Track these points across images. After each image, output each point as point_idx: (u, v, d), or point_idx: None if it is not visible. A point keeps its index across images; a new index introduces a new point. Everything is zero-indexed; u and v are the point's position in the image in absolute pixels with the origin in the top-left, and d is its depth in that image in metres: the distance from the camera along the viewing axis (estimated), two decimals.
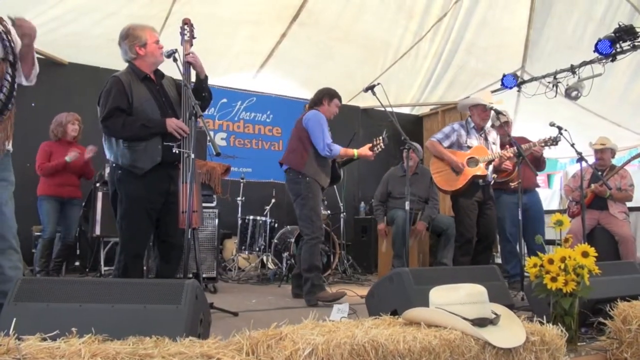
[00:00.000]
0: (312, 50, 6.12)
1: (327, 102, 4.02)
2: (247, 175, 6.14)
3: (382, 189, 5.45)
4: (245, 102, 6.80)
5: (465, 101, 4.44)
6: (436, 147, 4.34)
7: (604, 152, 5.08)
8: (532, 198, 4.73)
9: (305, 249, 3.81)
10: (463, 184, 4.15)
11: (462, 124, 4.39)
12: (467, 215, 4.20)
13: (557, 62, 5.91)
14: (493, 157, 4.19)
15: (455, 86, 6.99)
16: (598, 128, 6.89)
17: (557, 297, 2.17)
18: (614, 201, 4.93)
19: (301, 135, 3.92)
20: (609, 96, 6.41)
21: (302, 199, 3.84)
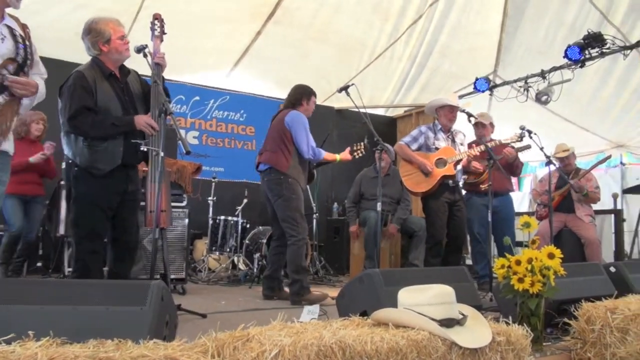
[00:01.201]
0: (287, 49, 6.10)
1: (306, 102, 4.01)
2: (219, 174, 6.08)
3: (354, 190, 5.48)
4: (218, 101, 6.74)
5: (432, 103, 4.51)
6: (404, 150, 4.39)
7: (570, 157, 5.24)
8: (504, 201, 4.82)
9: (291, 250, 3.78)
10: (432, 185, 4.21)
11: (429, 127, 4.46)
12: (437, 216, 4.27)
13: (528, 66, 6.06)
14: (460, 156, 4.27)
15: (429, 89, 7.08)
16: (567, 132, 7.09)
17: (524, 297, 2.22)
18: (582, 204, 5.07)
19: (283, 136, 3.86)
20: (577, 102, 6.60)
21: (284, 200, 3.81)
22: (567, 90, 5.74)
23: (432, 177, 4.23)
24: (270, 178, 3.88)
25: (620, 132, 7.16)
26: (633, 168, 8.41)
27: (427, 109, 4.58)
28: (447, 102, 4.36)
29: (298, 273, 3.76)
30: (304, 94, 4.02)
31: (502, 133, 6.08)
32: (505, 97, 6.12)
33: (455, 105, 4.38)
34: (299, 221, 3.80)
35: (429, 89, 7.08)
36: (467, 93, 6.68)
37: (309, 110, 4.03)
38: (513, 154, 4.61)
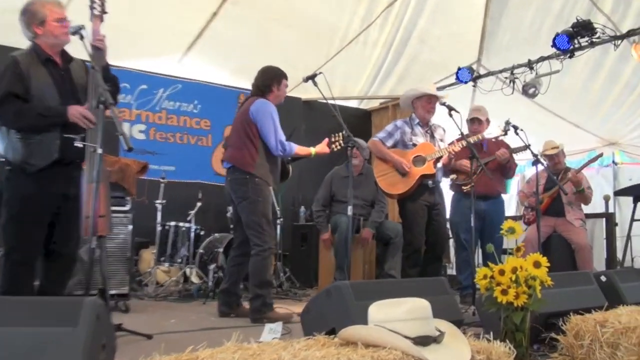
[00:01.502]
0: (248, 32, 6.06)
1: (276, 87, 3.93)
2: (168, 174, 5.98)
3: (324, 192, 5.48)
4: (168, 90, 6.65)
5: (407, 94, 4.56)
6: (378, 148, 4.41)
7: (559, 155, 5.38)
8: (494, 205, 4.89)
9: (255, 261, 3.73)
10: (410, 185, 4.25)
11: (405, 121, 4.51)
12: (415, 221, 4.31)
13: (515, 56, 6.19)
14: (441, 153, 4.32)
15: (407, 78, 7.15)
16: (556, 128, 7.28)
17: (508, 311, 2.26)
18: (572, 206, 5.22)
19: (248, 130, 3.80)
20: (567, 95, 6.79)
21: (249, 202, 3.76)
22: (555, 82, 5.89)
23: (409, 177, 4.27)
24: (234, 178, 3.83)
25: (612, 129, 7.40)
26: (626, 168, 8.71)
27: (402, 101, 4.63)
28: (424, 91, 4.42)
29: (261, 287, 3.73)
30: (273, 77, 3.94)
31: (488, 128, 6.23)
32: (490, 89, 6.23)
33: (433, 94, 4.44)
34: (265, 228, 3.75)
35: (407, 78, 7.15)
36: (449, 84, 6.78)
37: (280, 96, 3.97)
38: (506, 155, 4.69)
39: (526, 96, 6.03)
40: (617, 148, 7.89)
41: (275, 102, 3.93)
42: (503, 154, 4.67)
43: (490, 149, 4.88)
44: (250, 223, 3.78)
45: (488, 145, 4.94)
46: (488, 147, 4.92)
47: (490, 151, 4.85)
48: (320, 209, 5.47)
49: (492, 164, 4.74)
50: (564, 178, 5.23)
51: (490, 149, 4.88)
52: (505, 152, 4.69)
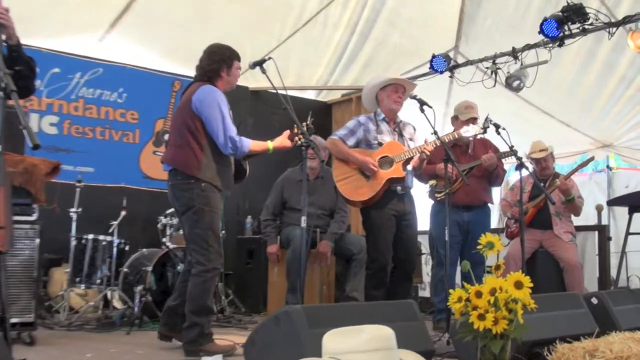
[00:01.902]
0: (183, 7, 6.01)
1: (226, 70, 3.87)
2: (86, 176, 5.84)
3: (275, 199, 5.47)
4: (87, 75, 6.52)
5: (369, 84, 4.60)
6: (339, 147, 4.44)
7: (547, 159, 5.54)
8: (478, 216, 4.97)
9: (195, 283, 3.68)
10: (376, 191, 4.29)
11: (369, 117, 4.56)
12: (381, 234, 4.35)
13: (497, 43, 6.35)
14: (411, 154, 4.38)
15: (373, 66, 7.23)
16: (543, 127, 7.49)
17: (486, 339, 2.30)
18: (560, 218, 5.37)
19: (191, 124, 3.73)
20: (555, 89, 6.99)
21: (194, 212, 3.71)
22: (543, 74, 6.06)
23: (375, 180, 4.31)
24: (175, 183, 3.79)
25: (606, 129, 7.66)
26: (621, 173, 9.06)
27: (365, 94, 4.66)
28: (389, 80, 4.47)
29: (199, 314, 3.69)
30: (222, 58, 3.87)
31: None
32: (469, 80, 6.36)
33: (400, 83, 4.50)
34: (212, 243, 3.71)
35: (373, 66, 7.23)
36: (422, 74, 6.88)
37: (230, 82, 3.92)
38: (492, 160, 4.78)
39: (510, 89, 6.19)
40: (612, 151, 8.17)
41: (224, 89, 3.87)
42: (489, 159, 4.75)
43: (477, 152, 4.96)
44: (193, 237, 3.73)
45: (474, 147, 5.02)
46: (474, 150, 5.00)
47: (476, 155, 4.93)
48: (270, 218, 5.46)
49: (478, 169, 4.82)
50: (551, 185, 5.38)
51: (476, 152, 4.96)
52: (492, 156, 4.77)
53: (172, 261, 5.35)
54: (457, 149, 4.93)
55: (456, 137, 4.53)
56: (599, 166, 9.33)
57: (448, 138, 4.44)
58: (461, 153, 4.96)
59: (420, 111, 4.12)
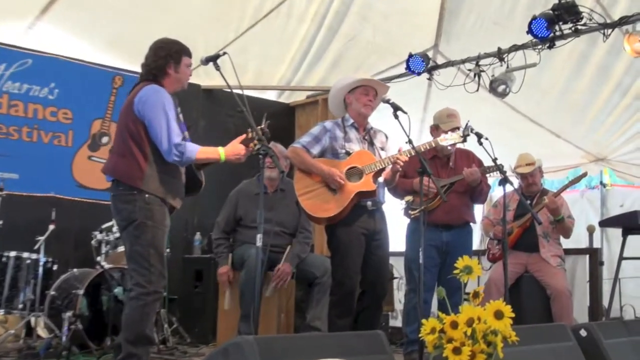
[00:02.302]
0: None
1: (174, 67, 3.88)
2: (9, 184, 5.74)
3: (228, 214, 5.45)
4: (12, 67, 6.43)
5: (336, 86, 4.62)
6: (301, 157, 4.43)
7: (534, 174, 5.63)
8: (459, 236, 4.98)
9: (132, 307, 3.66)
10: (344, 205, 4.29)
11: (336, 123, 4.58)
12: (348, 255, 4.35)
13: (481, 43, 6.45)
14: (383, 164, 4.41)
15: (342, 65, 7.28)
16: (531, 138, 7.62)
17: None
18: (548, 239, 5.46)
19: (133, 129, 3.74)
20: (545, 96, 7.14)
21: (135, 227, 3.71)
22: (531, 78, 6.17)
23: (342, 194, 4.31)
24: (117, 194, 3.81)
25: (600, 141, 7.83)
26: (616, 191, 9.25)
27: (331, 96, 4.67)
28: (358, 81, 4.51)
29: (136, 344, 3.65)
30: (169, 54, 3.87)
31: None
32: (450, 83, 6.45)
33: (370, 85, 4.53)
34: (154, 263, 3.70)
35: (343, 64, 7.28)
36: (396, 75, 6.95)
37: (180, 80, 3.93)
38: (475, 175, 4.81)
39: (494, 95, 6.28)
40: (606, 165, 8.34)
41: (173, 89, 3.89)
42: (472, 174, 4.78)
43: (458, 165, 4.98)
44: (133, 255, 3.73)
45: (456, 159, 5.05)
46: (456, 163, 5.03)
47: (457, 168, 4.95)
48: (222, 236, 5.44)
49: (460, 184, 4.86)
50: (539, 203, 5.47)
51: (458, 166, 4.98)
52: (475, 171, 4.80)
53: (107, 283, 5.27)
54: (436, 162, 4.98)
55: (433, 145, 4.56)
56: (592, 182, 9.50)
57: (424, 147, 4.47)
58: (441, 166, 5.00)
59: (394, 117, 4.15)
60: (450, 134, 4.53)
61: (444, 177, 4.89)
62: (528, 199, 5.51)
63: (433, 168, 4.74)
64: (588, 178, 8.19)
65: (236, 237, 5.44)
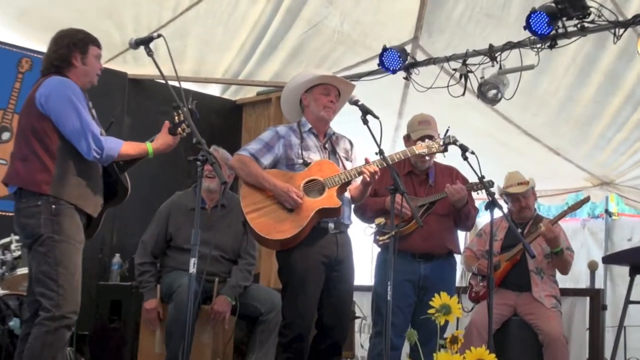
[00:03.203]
0: None
1: (79, 58, 3.93)
2: None
3: (156, 232, 5.40)
4: None
5: (292, 84, 4.61)
6: (249, 168, 4.37)
7: (528, 196, 5.67)
8: (439, 270, 4.96)
9: (35, 335, 3.66)
10: (302, 226, 4.26)
11: (291, 128, 4.56)
12: (303, 287, 4.32)
13: (470, 38, 6.52)
14: (348, 177, 4.39)
15: (303, 57, 7.29)
16: (525, 154, 7.71)
17: None
18: (542, 276, 5.51)
19: (37, 127, 3.77)
20: (543, 105, 7.21)
21: (41, 243, 3.72)
22: (528, 83, 6.25)
23: (300, 212, 4.27)
24: (20, 208, 3.82)
25: (606, 161, 7.93)
26: (623, 221, 9.35)
27: (285, 97, 4.65)
28: (317, 78, 4.50)
29: None
30: (73, 42, 3.93)
31: None
32: (431, 85, 6.47)
33: (331, 82, 4.51)
34: (63, 283, 3.71)
35: (302, 57, 7.29)
36: (367, 72, 6.97)
37: (88, 73, 3.98)
38: (460, 194, 4.80)
39: (483, 101, 6.32)
40: (613, 191, 8.45)
41: (81, 85, 3.94)
42: (457, 192, 4.78)
43: (439, 182, 4.99)
44: (40, 276, 3.74)
45: (436, 176, 5.06)
46: (436, 180, 5.04)
47: (438, 186, 4.96)
48: (148, 260, 5.37)
49: (442, 205, 4.87)
50: (531, 232, 5.51)
51: (438, 183, 4.99)
52: (461, 188, 4.81)
53: (1, 314, 5.19)
54: (412, 178, 4.99)
55: (409, 155, 4.57)
56: (595, 210, 9.63)
57: (397, 157, 4.49)
58: (418, 183, 5.01)
59: (363, 122, 4.14)
60: (429, 142, 4.55)
61: (421, 195, 4.91)
62: (519, 226, 5.55)
63: (409, 186, 4.75)
64: (591, 205, 8.31)
65: (165, 262, 5.38)
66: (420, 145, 4.53)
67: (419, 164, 4.96)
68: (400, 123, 7.82)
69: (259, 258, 5.55)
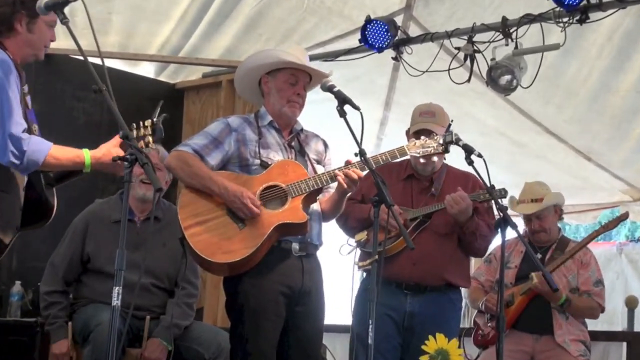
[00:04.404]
0: None
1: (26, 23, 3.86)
2: None
3: (70, 251, 5.39)
4: None
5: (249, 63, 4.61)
6: (191, 166, 4.35)
7: (543, 216, 5.71)
8: (433, 306, 4.99)
9: None
10: (256, 246, 4.23)
11: (247, 119, 4.55)
12: (258, 326, 4.32)
13: (477, 8, 6.58)
14: (318, 183, 4.35)
15: (262, 29, 7.31)
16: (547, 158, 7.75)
17: None
18: (565, 317, 5.55)
19: None
20: (570, 95, 7.26)
21: None
22: (551, 68, 6.31)
23: (254, 228, 4.23)
24: None
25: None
26: None
27: (240, 77, 4.65)
28: (281, 59, 4.48)
29: None
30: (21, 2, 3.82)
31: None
32: (427, 67, 6.52)
33: (302, 66, 4.48)
34: None
35: (261, 29, 7.29)
36: (346, 50, 6.99)
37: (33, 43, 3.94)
38: (461, 204, 4.77)
39: (494, 89, 6.37)
40: None
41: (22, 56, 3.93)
42: (457, 202, 4.73)
43: (446, 191, 4.93)
44: None
45: (444, 182, 5.05)
46: (442, 189, 5.02)
47: (443, 195, 4.91)
48: (58, 288, 5.36)
49: (443, 221, 4.88)
50: (554, 257, 5.55)
51: (445, 192, 4.93)
52: (462, 197, 4.77)
53: None
54: (413, 184, 5.00)
55: (397, 157, 4.52)
56: (636, 232, 9.72)
57: (383, 159, 4.44)
58: (419, 191, 5.02)
59: (339, 114, 4.13)
60: (425, 140, 4.52)
61: (419, 205, 4.91)
62: (538, 251, 5.58)
63: (406, 193, 4.77)
64: (630, 224, 8.37)
65: (80, 291, 5.36)
66: (413, 144, 4.49)
67: (418, 167, 4.97)
68: (387, 116, 7.83)
69: (202, 287, 5.53)
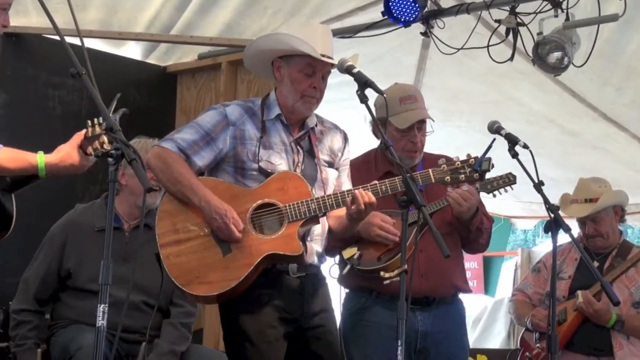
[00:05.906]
0: None
1: None
2: None
3: (45, 265, 5.45)
4: None
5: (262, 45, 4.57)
6: (171, 168, 4.29)
7: (599, 219, 5.71)
8: (446, 321, 5.04)
9: None
10: (239, 278, 4.20)
11: (250, 108, 4.51)
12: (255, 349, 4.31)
13: None
14: (321, 207, 4.27)
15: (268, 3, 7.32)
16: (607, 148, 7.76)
17: None
18: (626, 337, 5.55)
19: None
20: (634, 75, 7.27)
21: None
22: (609, 43, 6.32)
23: (238, 256, 4.22)
24: None
25: None
26: None
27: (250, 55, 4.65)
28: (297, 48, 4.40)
29: None
30: None
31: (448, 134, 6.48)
32: (463, 45, 6.55)
33: (319, 56, 4.36)
34: None
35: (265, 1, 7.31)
36: (367, 25, 7.02)
37: None
38: (470, 200, 4.81)
39: (542, 68, 6.38)
40: None
41: None
42: (464, 199, 4.76)
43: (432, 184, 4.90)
44: None
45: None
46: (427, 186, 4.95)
47: (430, 190, 4.92)
48: (30, 307, 5.42)
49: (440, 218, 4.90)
50: (614, 267, 5.55)
51: (430, 186, 4.83)
52: (471, 192, 4.80)
53: None
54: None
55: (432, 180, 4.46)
56: None
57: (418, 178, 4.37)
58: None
59: (360, 100, 4.11)
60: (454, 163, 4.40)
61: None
62: (596, 258, 5.58)
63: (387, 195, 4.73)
64: None
65: (59, 312, 5.40)
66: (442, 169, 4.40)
67: (404, 159, 4.86)
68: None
69: (201, 306, 5.55)
